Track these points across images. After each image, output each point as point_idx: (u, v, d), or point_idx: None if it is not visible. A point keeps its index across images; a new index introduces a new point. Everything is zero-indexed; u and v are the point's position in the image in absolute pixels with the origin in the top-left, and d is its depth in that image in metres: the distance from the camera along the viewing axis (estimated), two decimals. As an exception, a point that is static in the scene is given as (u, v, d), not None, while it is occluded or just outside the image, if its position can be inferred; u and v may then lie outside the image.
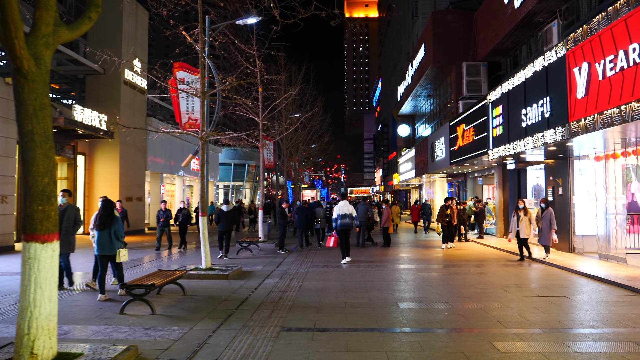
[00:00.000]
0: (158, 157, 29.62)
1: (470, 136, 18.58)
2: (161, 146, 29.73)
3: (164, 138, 30.15)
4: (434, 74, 26.29)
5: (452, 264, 13.65)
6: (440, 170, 25.01)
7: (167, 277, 8.95)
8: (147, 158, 28.03)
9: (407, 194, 55.57)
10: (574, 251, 15.22)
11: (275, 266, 13.54)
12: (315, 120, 31.87)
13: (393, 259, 14.85)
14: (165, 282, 8.76)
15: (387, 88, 59.74)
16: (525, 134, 12.99)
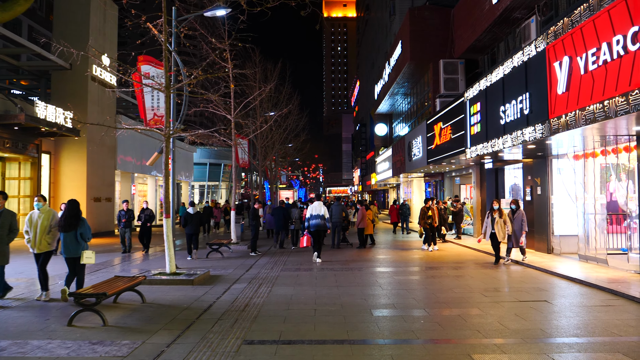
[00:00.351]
0: (129, 156, 28.67)
1: (447, 134, 18.18)
2: (132, 145, 28.80)
3: (136, 136, 29.22)
4: (410, 71, 25.90)
5: (429, 267, 13.19)
6: (417, 169, 24.63)
7: (123, 284, 8.28)
8: (117, 157, 27.10)
9: (385, 194, 55.32)
10: (552, 252, 14.91)
11: (246, 270, 12.92)
12: (291, 119, 31.27)
13: (369, 262, 14.34)
14: (121, 290, 8.09)
15: (365, 88, 59.43)
16: (504, 132, 12.60)
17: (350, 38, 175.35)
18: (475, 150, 14.90)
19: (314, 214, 14.31)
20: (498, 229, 12.88)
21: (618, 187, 12.35)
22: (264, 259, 15.23)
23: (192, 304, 8.75)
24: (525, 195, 16.59)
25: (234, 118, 19.21)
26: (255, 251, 16.45)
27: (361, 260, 14.70)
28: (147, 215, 16.50)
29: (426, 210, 16.57)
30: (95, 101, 24.14)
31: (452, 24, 22.25)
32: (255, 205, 16.94)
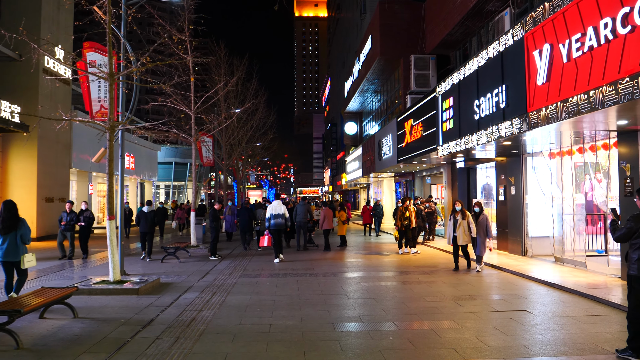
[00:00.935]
0: (86, 153, 27.14)
1: (418, 132, 17.43)
2: (90, 142, 27.19)
3: (94, 133, 27.69)
4: (381, 67, 25.13)
5: (399, 271, 12.34)
6: (387, 169, 23.87)
7: (49, 297, 7.16)
8: (73, 155, 25.57)
9: (356, 194, 54.62)
10: (526, 254, 14.27)
11: (201, 276, 11.87)
12: (258, 116, 30.18)
13: (336, 266, 13.43)
14: (45, 303, 6.98)
15: (336, 87, 58.65)
16: (478, 127, 11.86)
17: (322, 38, 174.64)
18: (448, 148, 14.15)
19: (273, 214, 14.27)
20: (460, 233, 11.84)
21: (596, 187, 11.74)
22: (224, 263, 14.19)
23: (132, 318, 7.68)
24: (499, 195, 15.94)
25: (194, 113, 18.08)
26: (216, 255, 15.40)
27: (328, 264, 13.78)
28: (85, 217, 15.23)
29: (403, 211, 15.59)
30: (47, 95, 22.61)
31: (423, 19, 21.56)
32: (215, 205, 15.86)
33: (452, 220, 12.06)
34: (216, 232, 15.42)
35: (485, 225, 11.68)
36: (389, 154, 22.61)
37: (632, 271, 5.39)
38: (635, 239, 5.35)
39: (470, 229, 11.77)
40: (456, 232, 11.90)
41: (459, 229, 11.82)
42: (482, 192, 19.40)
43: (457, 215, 11.92)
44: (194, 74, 18.22)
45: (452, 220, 12.10)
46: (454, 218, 12.02)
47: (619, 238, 5.56)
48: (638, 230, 5.29)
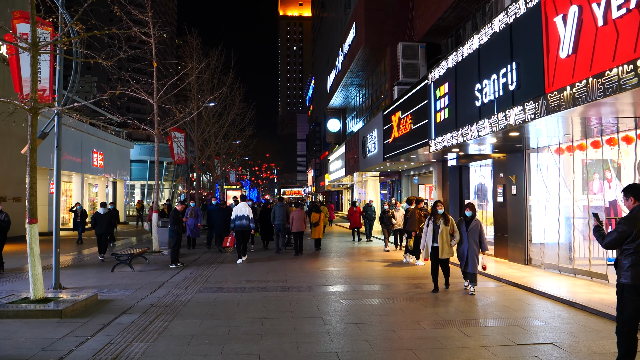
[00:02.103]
0: (46, 149, 24.86)
1: (407, 125, 15.67)
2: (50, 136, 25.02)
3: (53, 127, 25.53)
4: (366, 57, 23.34)
5: (387, 284, 10.51)
6: (372, 167, 22.10)
7: None
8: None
9: (340, 195, 52.85)
10: (530, 263, 12.57)
11: (152, 290, 9.94)
12: (235, 110, 28.17)
13: (313, 277, 11.56)
14: None
15: (320, 86, 56.87)
16: (480, 116, 10.09)
17: (306, 37, 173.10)
18: (442, 142, 12.39)
19: (238, 215, 13.97)
20: (442, 243, 9.42)
21: (617, 186, 10.04)
22: (185, 272, 12.26)
23: (34, 356, 5.75)
24: (497, 196, 14.24)
25: (157, 102, 16.10)
26: (177, 263, 13.46)
27: (304, 274, 11.91)
28: (1, 221, 13.20)
29: (421, 214, 13.36)
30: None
31: (412, 3, 19.82)
32: (177, 206, 13.90)
33: (431, 227, 9.61)
34: (177, 237, 13.48)
35: (479, 234, 9.13)
36: (374, 151, 20.83)
37: (625, 279, 4.91)
38: (627, 244, 4.88)
39: (454, 237, 9.41)
40: (437, 241, 9.50)
41: (440, 238, 9.42)
42: (475, 193, 17.73)
43: (438, 220, 9.54)
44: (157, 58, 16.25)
45: (430, 226, 9.65)
46: (433, 223, 9.58)
47: (609, 244, 5.02)
48: (631, 234, 4.84)
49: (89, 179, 34.92)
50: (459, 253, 9.31)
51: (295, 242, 15.98)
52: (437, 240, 9.46)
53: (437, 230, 9.46)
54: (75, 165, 28.19)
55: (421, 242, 9.88)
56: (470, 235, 9.12)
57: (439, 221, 9.52)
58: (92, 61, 9.10)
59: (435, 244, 9.52)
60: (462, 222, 9.30)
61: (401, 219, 15.52)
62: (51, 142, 25.25)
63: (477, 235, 9.10)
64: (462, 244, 9.22)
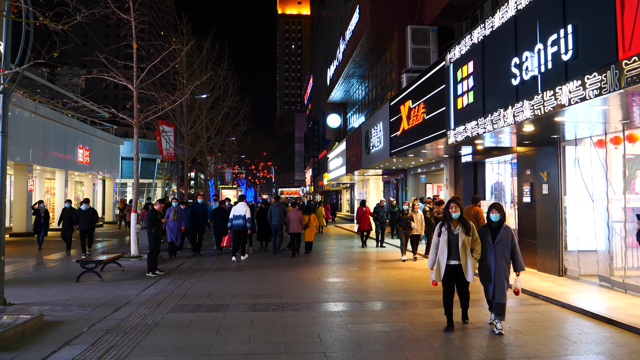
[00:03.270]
0: (24, 143, 23.05)
1: (419, 115, 13.85)
2: (31, 129, 23.26)
3: (37, 119, 23.70)
4: (370, 44, 21.48)
5: (404, 302, 8.67)
6: (377, 164, 20.28)
7: None
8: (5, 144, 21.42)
9: (339, 195, 51.02)
10: (565, 274, 10.77)
11: (116, 307, 8.13)
12: (229, 103, 26.31)
13: (314, 290, 9.72)
14: None
15: (318, 84, 55.14)
16: (518, 97, 8.28)
17: (305, 36, 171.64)
18: (464, 132, 10.57)
19: (235, 214, 13.89)
20: (464, 259, 6.54)
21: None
22: (162, 283, 10.44)
23: None
24: (522, 196, 12.44)
25: (136, 88, 14.26)
26: (155, 271, 11.64)
27: (303, 286, 10.08)
28: None
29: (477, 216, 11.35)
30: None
31: (422, -16, 18.02)
32: (154, 205, 12.05)
33: (445, 236, 6.65)
34: (155, 241, 11.65)
35: (511, 248, 6.52)
36: (378, 147, 19.01)
37: None
38: None
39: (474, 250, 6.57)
40: (455, 258, 6.57)
41: (463, 253, 6.53)
42: (492, 193, 15.96)
43: (455, 228, 6.66)
44: (138, 39, 14.41)
45: (443, 235, 6.68)
46: (447, 232, 6.64)
47: None
48: None
49: (74, 177, 33.08)
50: (482, 273, 6.67)
51: (291, 244, 15.23)
52: (455, 256, 6.55)
53: (454, 241, 6.59)
54: (58, 161, 26.33)
55: (429, 257, 6.83)
56: (499, 249, 6.49)
57: (456, 228, 6.63)
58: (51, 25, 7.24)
59: (452, 262, 6.58)
60: (487, 231, 6.64)
61: (420, 223, 13.77)
62: (29, 136, 23.46)
63: (508, 249, 6.51)
64: (487, 261, 6.57)
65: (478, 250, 6.59)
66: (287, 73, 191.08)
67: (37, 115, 23.90)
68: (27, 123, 22.92)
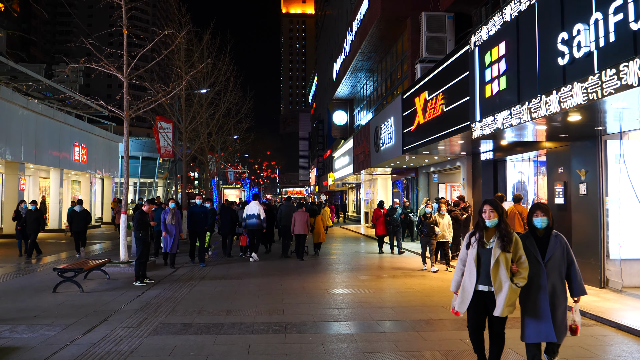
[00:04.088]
0: (15, 141, 21.91)
1: (437, 107, 12.55)
2: (21, 126, 22.08)
3: (29, 117, 22.56)
4: (380, 34, 20.14)
5: (430, 319, 7.38)
6: (387, 162, 18.97)
7: None
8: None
9: (344, 195, 49.72)
10: (606, 285, 9.46)
11: (89, 327, 6.89)
12: (229, 99, 25.07)
13: (323, 304, 8.43)
14: None
15: (323, 82, 53.94)
16: (565, 79, 6.98)
17: (309, 35, 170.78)
18: (493, 123, 9.26)
19: (249, 214, 13.95)
20: (498, 280, 4.56)
21: None
22: (149, 294, 9.21)
23: None
24: (554, 197, 11.15)
25: (127, 78, 13.03)
26: (143, 280, 10.41)
27: (310, 300, 8.78)
28: None
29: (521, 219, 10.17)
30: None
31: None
32: (143, 207, 10.79)
33: (473, 251, 4.72)
34: (144, 247, 10.41)
35: (568, 263, 4.73)
36: (389, 143, 17.72)
37: None
38: None
39: (519, 273, 4.56)
40: (486, 281, 4.62)
41: (494, 274, 4.56)
42: (513, 193, 14.68)
43: (489, 240, 4.69)
44: (129, 25, 13.17)
45: (472, 249, 4.75)
46: (478, 244, 4.71)
47: None
48: None
49: (71, 176, 31.93)
50: (527, 306, 4.72)
51: (296, 246, 14.73)
52: (486, 279, 4.60)
53: (486, 258, 4.62)
54: (52, 159, 25.17)
55: (453, 276, 4.94)
56: (552, 268, 4.64)
57: (490, 241, 4.66)
58: None
59: (482, 286, 4.63)
60: (531, 244, 4.73)
61: (447, 227, 12.16)
62: (21, 132, 22.29)
63: (563, 267, 4.67)
64: (536, 288, 4.66)
65: (524, 274, 4.52)
66: (292, 72, 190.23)
67: (30, 111, 22.74)
68: (19, 119, 21.77)
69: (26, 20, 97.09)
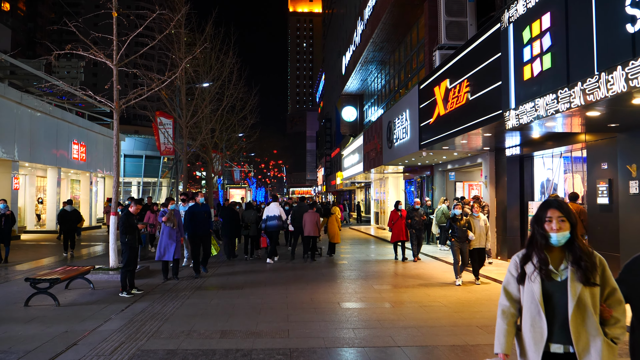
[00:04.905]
0: (7, 137, 20.82)
1: (461, 96, 11.22)
2: (15, 122, 20.97)
3: (24, 112, 21.47)
4: (394, 21, 18.80)
5: (465, 344, 6.06)
6: (401, 159, 17.66)
7: None
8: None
9: (352, 195, 48.42)
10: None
11: (52, 356, 5.64)
12: (235, 96, 23.84)
13: (337, 325, 7.13)
14: None
15: (331, 80, 52.80)
16: (635, 51, 5.66)
17: (316, 34, 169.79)
18: (534, 110, 7.92)
19: (269, 215, 13.52)
20: (584, 335, 2.73)
21: None
22: (133, 310, 7.97)
23: None
24: (596, 197, 9.82)
25: (117, 66, 11.80)
26: (132, 290, 9.19)
27: (320, 316, 7.48)
28: None
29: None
30: None
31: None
32: (130, 207, 9.53)
33: (537, 287, 2.84)
34: (130, 253, 9.17)
35: None
36: (404, 139, 16.41)
37: None
38: None
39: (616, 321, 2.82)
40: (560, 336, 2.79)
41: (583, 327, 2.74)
42: (541, 192, 13.38)
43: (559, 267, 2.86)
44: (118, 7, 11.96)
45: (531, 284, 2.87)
46: (541, 276, 2.85)
47: None
48: None
49: (70, 175, 30.85)
50: None
51: (304, 248, 14.18)
52: (563, 334, 2.78)
53: (557, 297, 2.82)
54: (49, 157, 24.08)
55: (497, 330, 3.01)
56: None
57: (561, 268, 2.86)
58: None
59: (556, 345, 2.80)
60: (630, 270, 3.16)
61: (482, 233, 10.24)
62: (14, 129, 21.18)
63: None
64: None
65: (620, 320, 2.84)
66: (299, 72, 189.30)
67: (24, 106, 21.64)
68: (12, 114, 20.68)
69: (32, 19, 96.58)
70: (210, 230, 11.89)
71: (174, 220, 10.77)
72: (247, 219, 14.44)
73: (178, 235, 10.85)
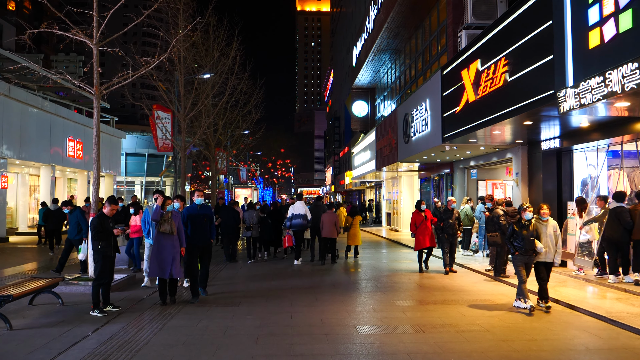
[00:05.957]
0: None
1: (496, 77, 9.56)
2: (2, 117, 19.52)
3: (14, 108, 20.07)
4: (411, 3, 17.11)
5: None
6: (420, 154, 16.00)
7: None
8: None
9: (361, 195, 46.76)
10: None
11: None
12: (239, 89, 22.27)
13: (363, 352, 5.55)
14: None
15: (339, 78, 51.35)
16: None
17: (324, 34, 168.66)
18: (602, 86, 6.24)
19: (295, 214, 13.45)
20: None
21: None
22: (103, 333, 6.41)
23: None
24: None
25: (97, 45, 10.25)
26: (106, 307, 7.63)
27: (336, 351, 5.84)
28: None
29: None
30: None
31: None
32: (104, 208, 7.91)
33: None
34: (103, 262, 7.59)
35: None
36: (423, 131, 14.76)
37: None
38: None
39: None
40: None
41: None
42: (581, 190, 11.72)
43: None
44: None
45: None
46: None
47: None
48: None
49: (66, 173, 29.45)
50: None
51: (321, 250, 13.52)
52: None
53: None
54: (41, 154, 22.65)
55: None
56: None
57: None
58: None
59: None
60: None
61: (551, 242, 7.75)
62: (1, 125, 19.74)
63: None
64: None
65: None
66: (307, 71, 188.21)
67: (13, 99, 20.21)
68: (6, 113, 19.32)
69: (38, 18, 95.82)
70: (211, 240, 9.16)
71: (172, 225, 8.23)
72: (248, 220, 13.71)
73: (177, 245, 8.35)
